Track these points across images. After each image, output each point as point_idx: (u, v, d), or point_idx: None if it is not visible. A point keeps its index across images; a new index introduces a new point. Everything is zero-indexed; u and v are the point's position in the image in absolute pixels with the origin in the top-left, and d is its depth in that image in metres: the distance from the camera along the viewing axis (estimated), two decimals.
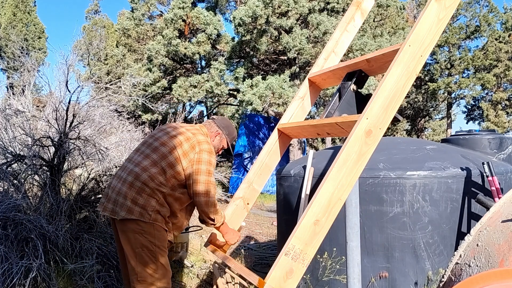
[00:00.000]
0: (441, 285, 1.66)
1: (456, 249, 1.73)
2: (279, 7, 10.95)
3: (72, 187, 4.42)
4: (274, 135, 2.91)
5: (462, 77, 22.13)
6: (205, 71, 13.80)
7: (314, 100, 3.05)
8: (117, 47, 18.96)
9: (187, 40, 13.51)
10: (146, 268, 2.40)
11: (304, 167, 3.63)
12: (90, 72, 14.88)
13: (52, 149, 4.18)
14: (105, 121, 5.01)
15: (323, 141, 22.14)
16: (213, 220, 2.52)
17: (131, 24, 14.78)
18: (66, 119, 4.14)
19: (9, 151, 4.13)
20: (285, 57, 12.52)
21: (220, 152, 2.89)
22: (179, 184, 2.50)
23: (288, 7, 10.90)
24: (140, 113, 14.21)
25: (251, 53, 12.41)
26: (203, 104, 15.41)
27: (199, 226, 3.32)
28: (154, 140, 2.59)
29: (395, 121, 2.18)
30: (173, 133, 2.58)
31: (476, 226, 1.60)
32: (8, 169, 4.04)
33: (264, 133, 13.74)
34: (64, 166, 4.27)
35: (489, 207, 2.60)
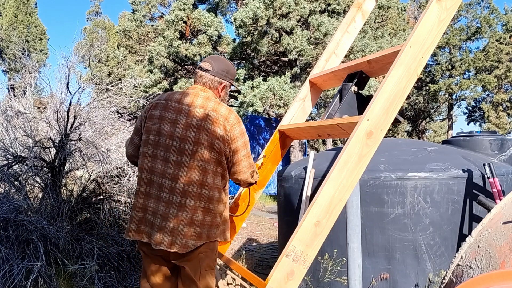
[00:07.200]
0: (442, 286, 1.66)
1: (457, 250, 1.72)
2: (280, 9, 10.96)
3: (73, 189, 4.43)
4: (275, 136, 2.91)
5: (463, 78, 22.11)
6: None
7: (315, 102, 3.05)
8: (118, 48, 19.01)
9: (188, 41, 13.54)
10: None
11: (305, 169, 3.62)
12: (91, 73, 14.92)
13: (53, 151, 4.19)
14: (106, 122, 5.00)
15: (324, 142, 22.14)
16: (256, 182, 2.33)
17: (132, 26, 14.82)
18: (67, 121, 4.14)
19: (10, 153, 4.14)
20: (286, 59, 12.53)
21: None
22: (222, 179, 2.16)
23: (289, 8, 10.91)
24: None
25: (252, 54, 12.42)
26: None
27: None
28: (181, 141, 2.06)
29: (396, 122, 2.17)
30: (195, 122, 2.07)
31: (477, 227, 1.60)
32: (9, 170, 4.04)
33: (265, 135, 13.74)
34: (65, 168, 4.27)
35: (490, 208, 2.60)
